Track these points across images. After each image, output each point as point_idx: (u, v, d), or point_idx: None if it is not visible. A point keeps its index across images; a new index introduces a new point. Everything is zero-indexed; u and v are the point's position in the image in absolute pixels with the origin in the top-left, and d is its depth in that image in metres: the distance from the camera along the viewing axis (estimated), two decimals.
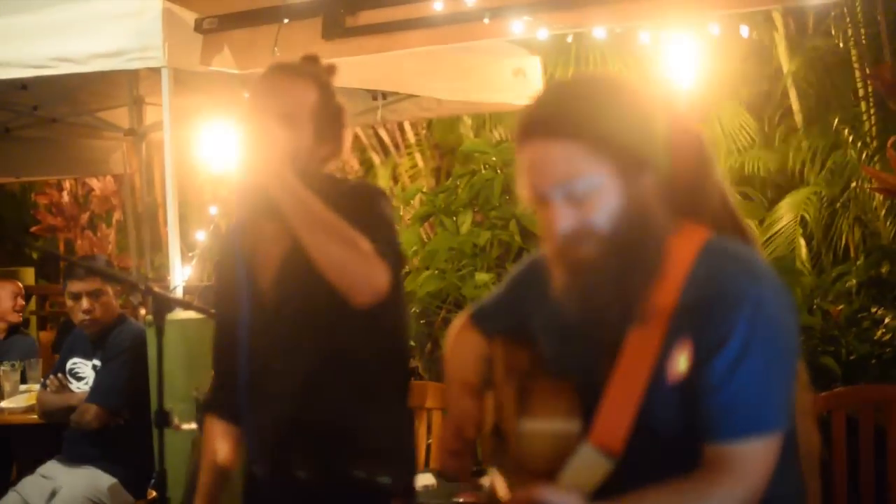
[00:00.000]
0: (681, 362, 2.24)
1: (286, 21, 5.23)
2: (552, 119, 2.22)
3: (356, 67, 6.12)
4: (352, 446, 3.03)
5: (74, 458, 5.33)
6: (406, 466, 3.18)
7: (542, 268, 2.53)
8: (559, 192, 2.21)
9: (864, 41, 7.32)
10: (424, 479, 4.17)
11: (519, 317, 2.65)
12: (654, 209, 2.24)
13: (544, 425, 2.33)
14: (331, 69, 3.11)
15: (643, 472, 2.23)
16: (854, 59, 7.54)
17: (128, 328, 5.44)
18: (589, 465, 2.25)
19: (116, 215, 11.51)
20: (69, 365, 5.56)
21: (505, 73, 7.37)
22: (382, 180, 10.06)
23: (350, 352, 3.01)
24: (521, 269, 2.71)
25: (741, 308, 2.18)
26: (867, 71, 7.24)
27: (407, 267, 6.23)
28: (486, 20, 4.65)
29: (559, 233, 2.23)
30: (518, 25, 4.52)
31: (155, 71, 5.77)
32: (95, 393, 5.33)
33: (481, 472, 2.66)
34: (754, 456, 2.20)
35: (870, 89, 7.19)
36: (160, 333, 3.49)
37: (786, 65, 8.04)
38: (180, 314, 5.33)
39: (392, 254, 2.94)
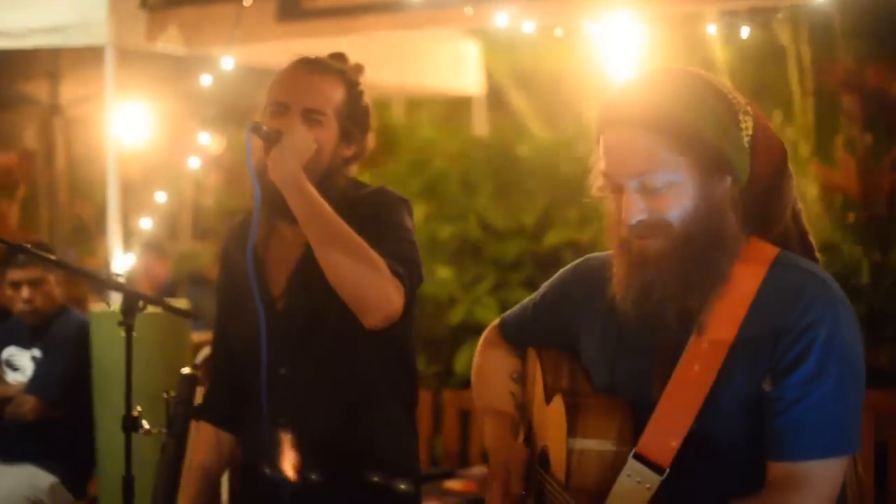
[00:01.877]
0: (748, 377, 2.19)
1: (247, 2, 5.01)
2: (640, 108, 2.19)
3: (300, 50, 5.99)
4: (358, 455, 2.92)
5: (11, 456, 5.05)
6: (412, 475, 3.07)
7: (593, 271, 2.47)
8: (636, 183, 2.19)
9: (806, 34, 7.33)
10: None
11: (561, 327, 2.56)
12: (728, 215, 2.21)
13: (597, 443, 2.26)
14: (358, 68, 2.99)
15: (697, 486, 2.19)
16: (793, 52, 7.54)
17: (71, 319, 5.21)
18: (638, 479, 2.19)
19: (20, 192, 11.13)
20: (4, 355, 5.28)
21: (442, 59, 7.29)
22: None
23: (358, 360, 2.90)
24: (566, 275, 2.63)
25: (819, 329, 2.15)
26: (803, 65, 7.26)
27: None
28: (468, 10, 4.51)
29: (629, 223, 2.20)
30: (502, 17, 4.39)
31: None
32: (34, 384, 5.08)
33: None
34: (824, 477, 2.15)
35: (808, 83, 7.21)
36: (129, 331, 3.31)
37: (719, 56, 8.02)
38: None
39: (408, 273, 2.82)
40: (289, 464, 2.90)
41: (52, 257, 3.46)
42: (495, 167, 6.14)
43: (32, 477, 4.99)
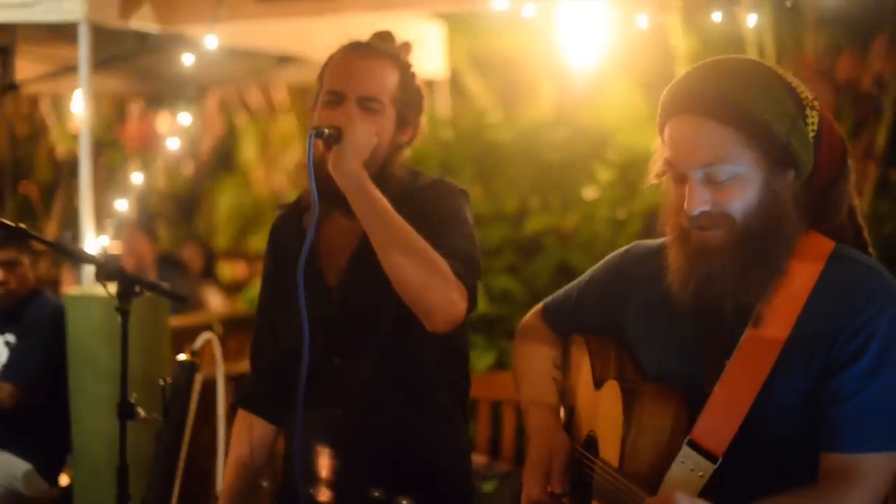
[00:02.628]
0: (805, 371, 2.20)
1: None
2: (710, 99, 2.19)
3: (263, 30, 5.93)
4: (409, 460, 2.87)
5: None
6: (466, 482, 3.04)
7: (642, 259, 2.48)
8: (700, 173, 2.19)
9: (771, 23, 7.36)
10: None
11: (607, 314, 2.57)
12: (789, 209, 2.22)
13: (652, 430, 2.27)
14: (407, 47, 2.93)
15: (748, 476, 2.20)
16: (756, 41, 7.58)
17: (45, 302, 5.08)
18: (691, 467, 2.19)
19: None
20: None
21: (405, 39, 7.21)
22: (248, 145, 9.78)
23: (414, 352, 2.85)
24: (615, 262, 2.62)
25: (877, 323, 2.16)
26: (765, 54, 7.30)
27: None
28: None
29: (691, 213, 2.20)
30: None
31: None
32: (9, 370, 4.94)
33: None
34: (877, 471, 2.16)
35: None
36: (126, 316, 3.25)
37: (681, 44, 8.04)
38: (100, 291, 5.03)
39: (470, 273, 2.77)
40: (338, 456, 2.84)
41: (48, 240, 3.38)
42: (477, 151, 6.10)
43: (7, 464, 4.88)
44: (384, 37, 2.92)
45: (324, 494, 2.85)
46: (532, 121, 6.49)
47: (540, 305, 2.80)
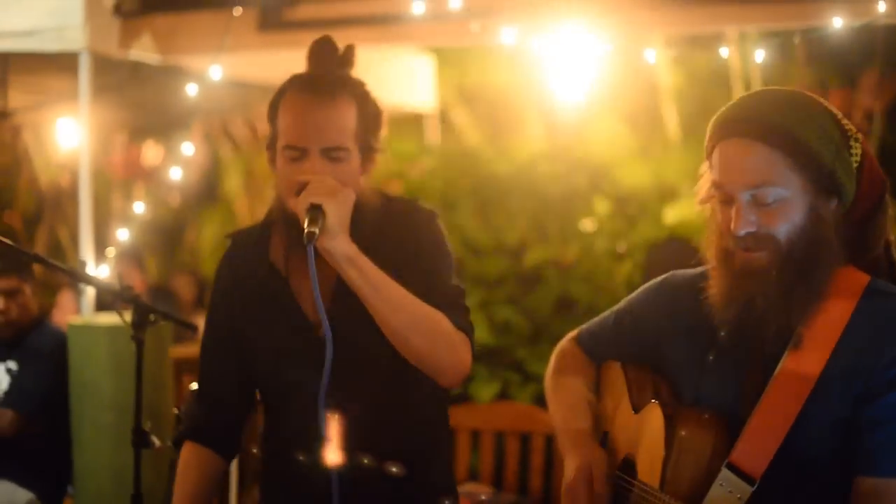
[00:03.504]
0: (842, 399, 2.23)
1: (237, 12, 4.93)
2: (759, 123, 2.24)
3: (259, 61, 5.94)
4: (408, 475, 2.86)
5: None
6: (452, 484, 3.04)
7: (679, 287, 2.51)
8: (748, 195, 2.23)
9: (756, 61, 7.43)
10: None
11: (644, 341, 2.60)
12: (832, 236, 2.26)
13: (694, 453, 2.29)
14: (351, 53, 2.79)
15: (784, 500, 2.22)
16: (743, 78, 7.66)
17: (48, 331, 5.06)
18: (730, 489, 2.22)
19: None
20: None
21: (397, 74, 7.24)
22: (232, 177, 9.77)
23: (408, 385, 2.78)
24: (653, 289, 2.65)
25: None
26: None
27: None
28: (474, 27, 4.49)
29: (737, 234, 2.24)
30: (509, 33, 4.38)
31: None
32: (11, 397, 4.90)
33: None
34: None
35: None
36: (140, 345, 3.25)
37: (666, 79, 8.11)
38: (105, 320, 5.04)
39: (467, 316, 2.76)
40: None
41: (67, 268, 3.37)
42: (475, 183, 6.13)
43: (9, 493, 4.83)
44: (334, 60, 2.79)
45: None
46: (527, 154, 6.53)
47: (575, 332, 2.82)
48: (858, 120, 6.61)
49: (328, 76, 2.72)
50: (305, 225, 2.52)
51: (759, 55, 4.39)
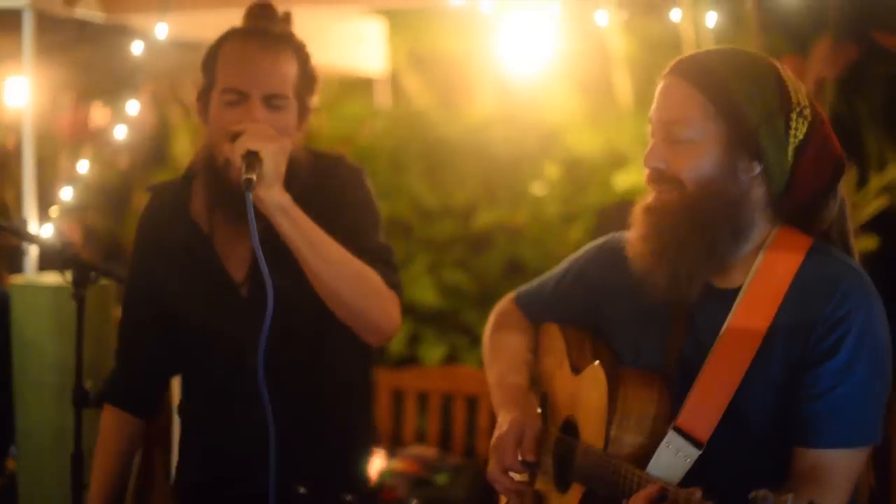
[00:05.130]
0: (782, 363, 2.26)
1: None
2: (696, 65, 2.28)
3: (204, 21, 5.85)
4: (330, 442, 2.86)
5: None
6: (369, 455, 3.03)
7: (617, 249, 2.54)
8: (664, 130, 2.28)
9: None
10: None
11: (583, 303, 2.61)
12: (748, 201, 2.27)
13: (638, 413, 2.32)
14: (288, 18, 2.82)
15: (730, 464, 2.24)
16: (694, 44, 7.63)
17: None
18: (676, 453, 2.23)
19: None
20: None
21: (345, 37, 7.18)
22: (181, 141, 9.65)
23: (329, 343, 2.82)
24: (592, 252, 2.66)
25: (852, 320, 2.21)
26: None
27: None
28: None
29: (646, 165, 2.31)
30: None
31: None
32: None
33: None
34: (849, 466, 2.23)
35: None
36: (81, 303, 3.22)
37: (618, 45, 8.08)
38: (48, 280, 4.96)
39: (396, 274, 2.78)
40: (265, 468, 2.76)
41: (8, 225, 3.32)
42: (424, 146, 6.09)
43: None
44: (276, 18, 2.78)
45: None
46: (477, 117, 6.50)
47: (514, 293, 2.83)
48: (810, 88, 6.60)
49: (270, 28, 2.73)
50: (242, 172, 2.48)
51: (711, 18, 4.36)
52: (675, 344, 2.36)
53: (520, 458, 2.51)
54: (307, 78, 2.76)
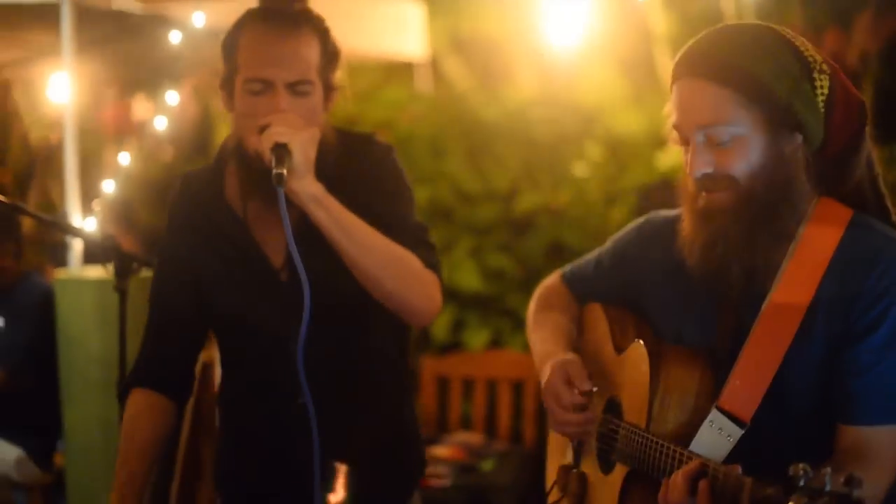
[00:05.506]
0: (824, 339, 2.21)
1: None
2: (709, 60, 2.19)
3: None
4: (372, 423, 2.83)
5: None
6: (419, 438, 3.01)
7: (658, 228, 2.50)
8: (701, 135, 2.20)
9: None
10: None
11: (624, 283, 2.60)
12: (797, 174, 2.22)
13: (680, 390, 2.29)
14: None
15: (773, 442, 2.21)
16: (738, 19, 7.57)
17: (35, 285, 5.04)
18: (719, 431, 2.20)
19: None
20: None
21: (384, 22, 7.18)
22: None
23: (369, 327, 2.78)
24: (633, 231, 2.65)
25: (894, 294, 2.16)
26: None
27: None
28: None
29: (693, 175, 2.23)
30: None
31: None
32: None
33: None
34: (894, 444, 2.17)
35: None
36: (124, 295, 3.22)
37: (660, 23, 8.03)
38: (93, 273, 4.99)
39: (435, 254, 2.74)
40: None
41: (50, 218, 3.34)
42: (465, 129, 6.07)
43: None
44: None
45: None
46: (518, 100, 6.47)
47: (560, 271, 2.83)
48: (854, 61, 6.52)
49: (288, 8, 2.65)
50: (273, 166, 2.46)
51: None
52: (722, 322, 2.33)
53: (576, 391, 2.48)
54: (330, 55, 2.67)
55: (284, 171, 2.46)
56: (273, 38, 2.60)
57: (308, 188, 2.52)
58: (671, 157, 5.70)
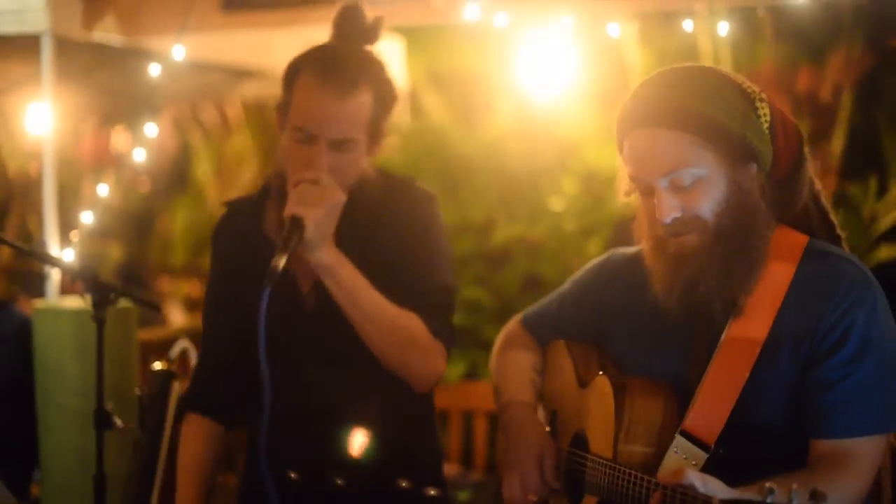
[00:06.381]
0: (791, 361, 2.29)
1: None
2: (660, 107, 2.26)
3: (225, 43, 5.89)
4: (392, 454, 2.85)
5: None
6: (439, 475, 3.03)
7: (620, 267, 2.54)
8: (665, 182, 2.26)
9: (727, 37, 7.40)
10: None
11: (587, 321, 2.63)
12: (758, 202, 2.31)
13: (645, 421, 2.35)
14: (378, 26, 2.83)
15: (739, 464, 2.25)
16: (712, 55, 7.62)
17: (12, 315, 5.01)
18: (684, 455, 2.27)
19: None
20: None
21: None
22: (202, 163, 9.70)
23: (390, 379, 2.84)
24: (594, 270, 2.68)
25: (857, 312, 2.25)
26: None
27: None
28: (437, 3, 4.46)
29: (664, 221, 2.27)
30: (473, 10, 4.35)
31: None
32: None
33: None
34: (866, 454, 2.25)
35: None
36: (101, 325, 3.24)
37: (636, 59, 8.08)
38: (70, 304, 4.99)
39: (448, 323, 2.84)
40: (320, 463, 2.81)
41: (28, 248, 3.35)
42: (441, 162, 6.10)
43: None
44: (359, 31, 2.80)
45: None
46: (494, 133, 6.51)
47: (520, 315, 2.85)
48: (828, 98, 6.59)
49: (350, 59, 2.71)
50: (283, 235, 2.54)
51: (722, 28, 4.38)
52: (695, 353, 2.37)
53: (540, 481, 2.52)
54: (383, 105, 2.75)
55: (279, 266, 2.54)
56: (325, 98, 2.65)
57: (320, 259, 2.61)
58: None
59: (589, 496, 2.45)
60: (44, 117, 5.20)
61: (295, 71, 2.73)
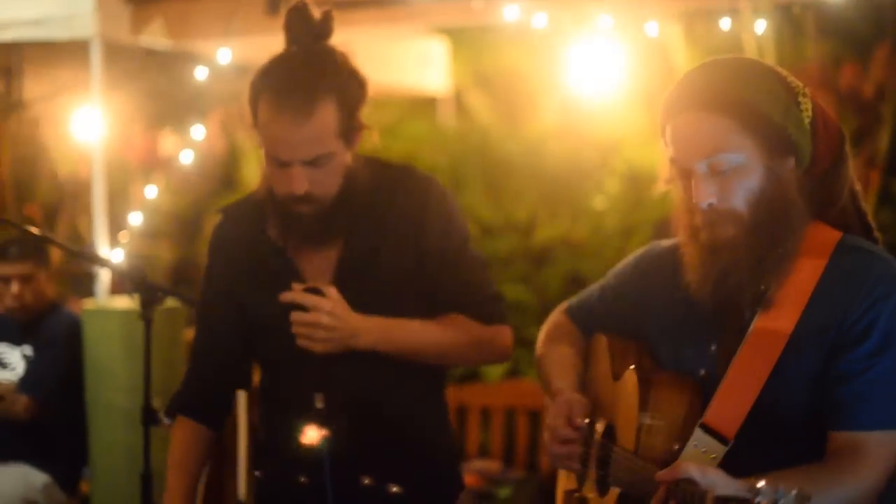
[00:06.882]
0: (817, 354, 2.26)
1: None
2: (704, 92, 2.24)
3: (270, 45, 5.94)
4: (414, 451, 2.89)
5: (4, 455, 4.98)
6: (456, 471, 3.06)
7: (658, 258, 2.55)
8: (704, 165, 2.24)
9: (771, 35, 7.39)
10: None
11: (626, 312, 2.64)
12: (794, 195, 2.27)
13: (667, 415, 2.33)
14: (328, 20, 2.72)
15: (759, 458, 2.22)
16: (757, 53, 7.60)
17: (63, 316, 5.13)
18: (703, 449, 2.25)
19: None
20: None
21: (408, 57, 7.24)
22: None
23: (407, 380, 2.84)
24: (633, 262, 2.69)
25: (883, 305, 2.22)
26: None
27: None
28: (476, 4, 4.51)
29: (700, 206, 2.25)
30: (512, 9, 4.39)
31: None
32: (27, 383, 5.01)
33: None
34: (883, 449, 2.22)
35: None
36: (149, 324, 3.28)
37: (682, 57, 8.07)
38: (119, 304, 5.08)
39: (495, 303, 2.86)
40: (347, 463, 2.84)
41: (78, 249, 3.42)
42: (485, 163, 6.14)
43: (26, 476, 4.93)
44: (310, 30, 2.72)
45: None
46: (537, 133, 6.54)
47: (565, 304, 2.87)
48: (871, 94, 6.57)
49: (304, 71, 2.65)
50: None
51: (760, 26, 4.38)
52: (724, 346, 2.38)
53: (569, 427, 2.54)
54: (351, 103, 2.66)
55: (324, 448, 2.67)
56: (285, 126, 2.60)
57: (365, 346, 2.69)
58: None
59: (613, 486, 2.48)
60: (93, 121, 5.29)
61: (255, 94, 2.66)
